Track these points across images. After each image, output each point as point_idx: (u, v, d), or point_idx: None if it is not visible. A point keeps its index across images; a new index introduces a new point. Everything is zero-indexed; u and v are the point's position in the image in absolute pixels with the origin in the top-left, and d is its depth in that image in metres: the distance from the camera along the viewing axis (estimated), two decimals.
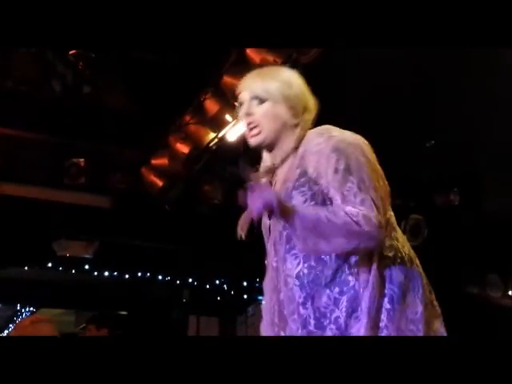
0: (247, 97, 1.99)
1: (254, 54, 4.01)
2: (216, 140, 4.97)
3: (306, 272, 1.88)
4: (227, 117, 4.67)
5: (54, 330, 3.25)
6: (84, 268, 7.17)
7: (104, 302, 8.16)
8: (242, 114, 2.00)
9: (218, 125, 4.82)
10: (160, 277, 7.68)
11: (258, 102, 1.97)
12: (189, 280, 7.82)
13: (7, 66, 4.49)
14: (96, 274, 7.42)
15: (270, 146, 2.00)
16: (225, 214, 6.07)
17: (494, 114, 5.02)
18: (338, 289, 1.84)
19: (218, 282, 8.01)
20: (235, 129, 4.69)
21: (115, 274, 7.51)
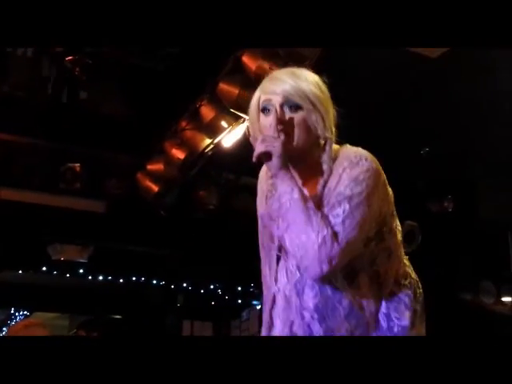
0: (278, 102, 1.75)
1: (249, 62, 4.01)
2: (211, 146, 4.98)
3: (324, 303, 1.76)
4: (223, 123, 4.68)
5: (47, 333, 3.22)
6: (78, 272, 7.17)
7: (98, 306, 8.17)
8: (271, 122, 1.74)
9: (213, 131, 4.83)
10: (154, 281, 7.68)
11: (292, 109, 1.75)
12: (183, 285, 7.83)
13: (3, 72, 4.50)
14: (90, 278, 7.42)
15: (295, 160, 1.78)
16: (220, 219, 6.11)
17: (489, 122, 5.06)
18: (354, 321, 1.76)
19: (212, 287, 8.01)
20: (231, 135, 4.72)
21: (109, 278, 7.49)
